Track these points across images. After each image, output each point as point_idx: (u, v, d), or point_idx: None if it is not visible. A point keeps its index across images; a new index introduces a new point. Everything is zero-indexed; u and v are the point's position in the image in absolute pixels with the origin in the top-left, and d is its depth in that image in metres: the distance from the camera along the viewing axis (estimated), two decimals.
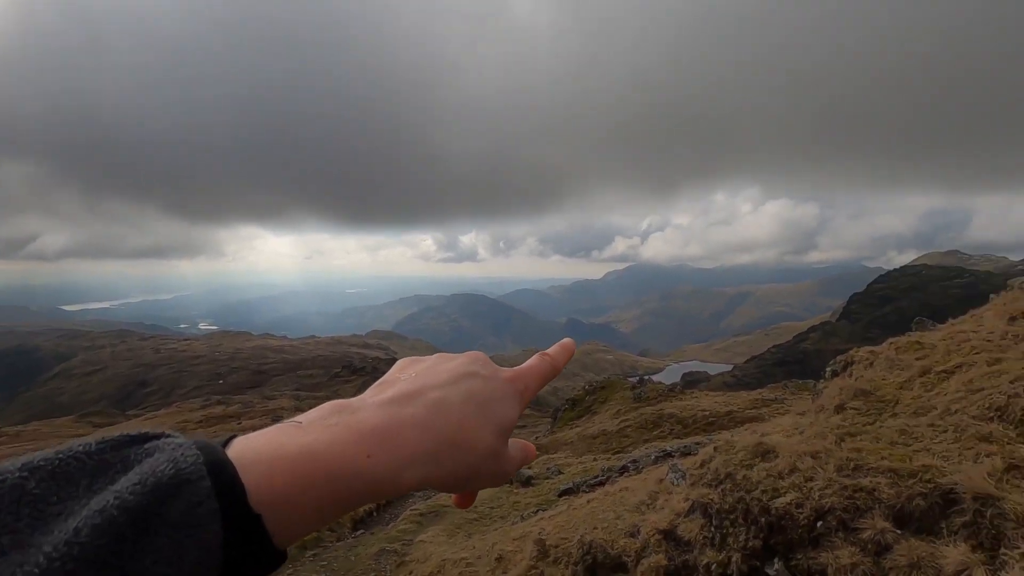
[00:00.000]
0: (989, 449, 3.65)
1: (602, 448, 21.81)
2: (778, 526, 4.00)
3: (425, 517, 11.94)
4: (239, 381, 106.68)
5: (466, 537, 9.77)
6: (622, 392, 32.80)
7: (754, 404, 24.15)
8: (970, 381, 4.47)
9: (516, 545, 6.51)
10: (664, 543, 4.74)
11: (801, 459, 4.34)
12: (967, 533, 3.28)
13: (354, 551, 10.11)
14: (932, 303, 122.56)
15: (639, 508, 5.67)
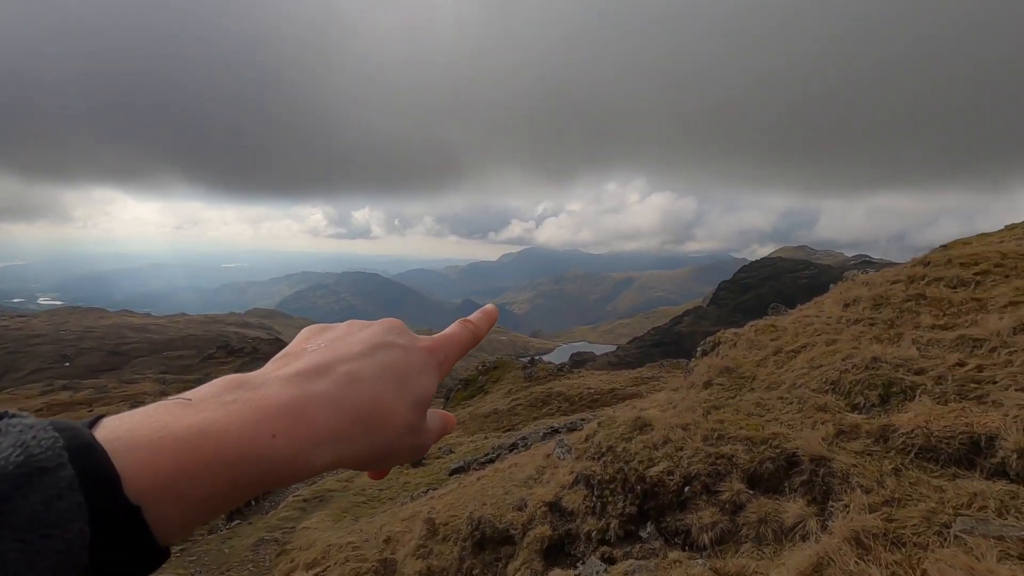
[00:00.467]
0: (824, 418, 4.22)
1: (493, 426, 22.29)
2: (651, 493, 4.33)
3: (309, 503, 11.47)
4: (91, 363, 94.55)
5: (353, 521, 9.53)
6: (514, 372, 33.67)
7: (634, 382, 25.96)
8: (812, 359, 5.12)
9: (405, 526, 6.47)
10: (549, 514, 4.95)
11: (673, 431, 4.72)
12: (804, 490, 3.77)
13: (228, 543, 9.46)
14: (784, 291, 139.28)
15: (527, 483, 5.86)
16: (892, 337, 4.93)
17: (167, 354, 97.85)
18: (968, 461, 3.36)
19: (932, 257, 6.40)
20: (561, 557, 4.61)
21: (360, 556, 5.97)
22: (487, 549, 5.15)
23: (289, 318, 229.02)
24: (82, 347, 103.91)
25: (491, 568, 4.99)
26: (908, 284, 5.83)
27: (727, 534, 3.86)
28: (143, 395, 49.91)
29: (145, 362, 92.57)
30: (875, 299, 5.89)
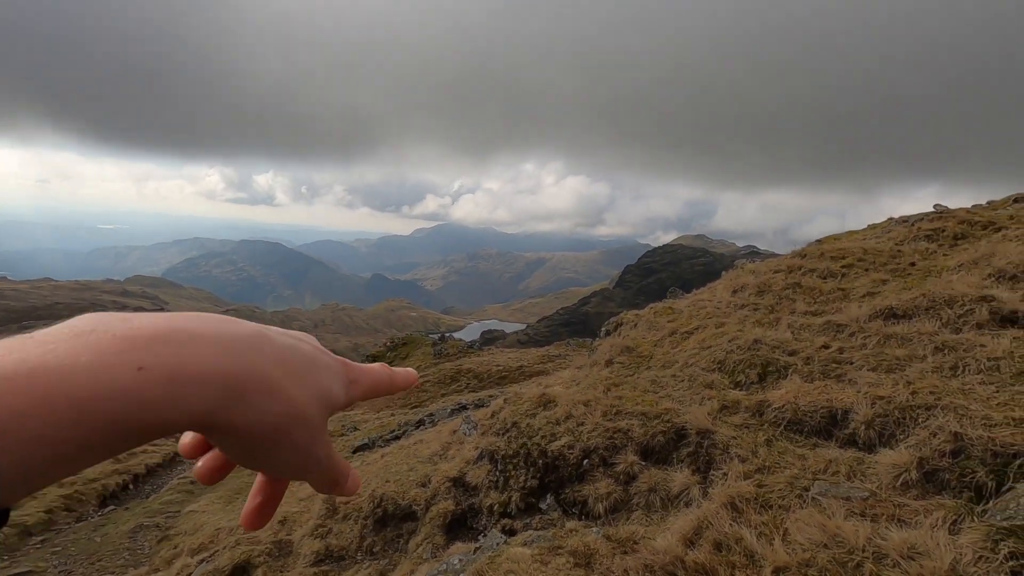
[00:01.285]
0: (710, 394, 4.57)
1: (401, 403, 22.04)
2: (553, 466, 4.49)
3: (196, 485, 10.73)
4: None
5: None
6: (423, 348, 33.41)
7: (541, 360, 26.69)
8: (703, 340, 5.50)
9: (303, 506, 6.24)
10: (453, 490, 4.98)
11: (575, 407, 4.91)
12: (690, 461, 4.08)
13: (101, 531, 8.64)
14: (683, 276, 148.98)
15: (432, 459, 5.86)
16: (772, 321, 5.41)
17: (26, 324, 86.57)
18: (827, 432, 3.79)
19: (808, 250, 7.08)
20: (463, 531, 4.67)
21: (252, 539, 5.69)
22: (389, 526, 5.10)
23: (178, 287, 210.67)
24: None
25: (392, 544, 4.96)
26: (787, 274, 6.41)
27: (620, 503, 4.10)
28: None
29: (1, 333, 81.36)
30: (759, 286, 6.42)
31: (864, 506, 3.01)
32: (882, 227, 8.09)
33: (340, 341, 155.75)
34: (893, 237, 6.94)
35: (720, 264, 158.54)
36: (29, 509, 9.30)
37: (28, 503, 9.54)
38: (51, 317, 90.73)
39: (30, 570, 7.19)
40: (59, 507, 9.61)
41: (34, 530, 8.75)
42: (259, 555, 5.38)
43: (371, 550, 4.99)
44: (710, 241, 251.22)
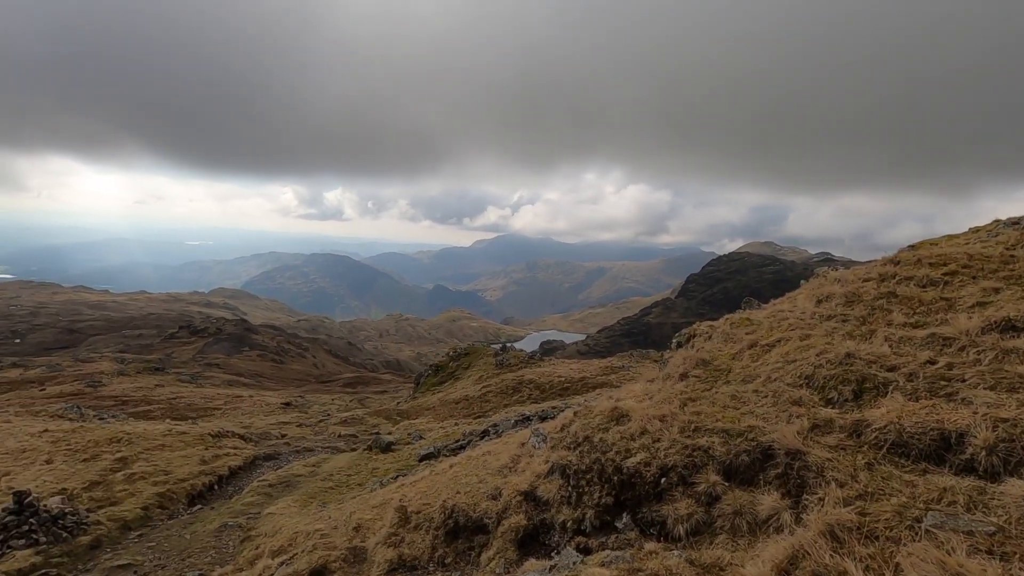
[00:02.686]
0: (799, 412, 4.27)
1: (464, 413, 22.26)
2: (628, 483, 4.33)
3: (275, 488, 11.24)
4: (44, 340, 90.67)
5: (321, 507, 9.37)
6: (485, 359, 33.67)
7: (604, 371, 26.24)
8: (786, 353, 5.18)
9: (376, 513, 6.36)
10: (524, 504, 4.92)
11: (650, 422, 4.73)
12: (779, 483, 3.82)
13: (190, 528, 9.20)
14: (750, 285, 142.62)
15: (501, 471, 5.82)
16: (865, 334, 5.02)
17: (126, 332, 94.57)
18: (938, 457, 3.43)
19: (902, 256, 6.55)
20: (536, 547, 4.59)
21: (329, 543, 5.85)
22: (460, 538, 5.10)
23: (256, 299, 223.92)
24: (35, 323, 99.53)
25: (464, 557, 4.94)
26: (879, 282, 5.95)
27: (702, 525, 3.89)
28: (99, 374, 48.17)
29: (103, 340, 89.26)
30: (847, 296, 5.99)
31: (991, 543, 2.69)
32: (987, 230, 7.38)
33: (404, 350, 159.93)
34: (1002, 241, 6.31)
35: (791, 272, 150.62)
36: (128, 505, 10.05)
37: (127, 500, 10.31)
38: (147, 326, 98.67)
39: (130, 563, 7.73)
40: (154, 504, 10.32)
41: (132, 525, 9.43)
42: (335, 560, 5.52)
43: (443, 561, 5.00)
44: (779, 248, 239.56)
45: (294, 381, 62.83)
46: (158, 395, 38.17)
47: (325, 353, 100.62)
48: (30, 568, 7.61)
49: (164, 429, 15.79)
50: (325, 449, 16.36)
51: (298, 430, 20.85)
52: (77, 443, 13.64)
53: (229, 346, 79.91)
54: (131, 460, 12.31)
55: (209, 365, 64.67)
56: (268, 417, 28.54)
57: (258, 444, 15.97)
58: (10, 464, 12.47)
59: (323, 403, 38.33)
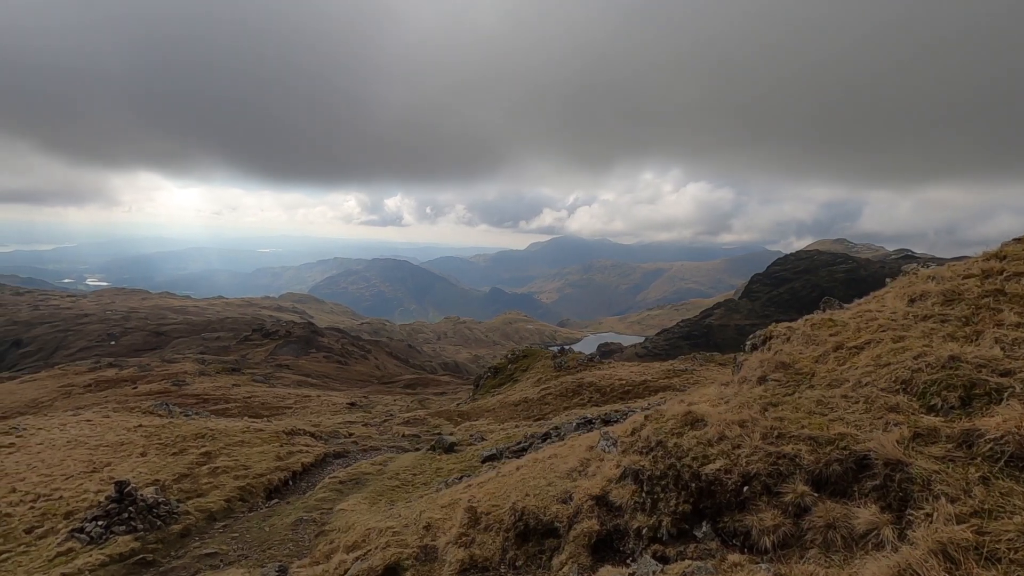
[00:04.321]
0: (896, 419, 3.96)
1: (524, 415, 22.28)
2: (707, 491, 4.16)
3: (345, 485, 11.63)
4: (135, 343, 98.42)
5: (389, 505, 9.60)
6: (543, 361, 33.58)
7: (666, 374, 25.56)
8: (878, 356, 4.83)
9: (445, 513, 6.44)
10: (596, 509, 4.83)
11: (729, 427, 4.53)
12: (877, 496, 3.55)
13: (268, 521, 9.66)
14: (820, 285, 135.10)
15: (570, 475, 5.75)
16: (969, 335, 4.61)
17: (205, 335, 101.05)
18: None
19: (1008, 251, 5.98)
20: (610, 553, 4.49)
21: (401, 541, 5.97)
22: (531, 541, 5.07)
23: (321, 303, 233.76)
24: (127, 327, 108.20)
25: (535, 560, 4.90)
26: (983, 279, 5.46)
27: (791, 538, 3.67)
28: (183, 374, 51.70)
29: (185, 342, 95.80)
30: (945, 294, 5.53)
31: None
32: None
33: (461, 352, 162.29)
34: None
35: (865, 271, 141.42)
36: (213, 497, 10.69)
37: (212, 492, 10.97)
38: (223, 329, 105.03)
39: (216, 552, 8.20)
40: (235, 497, 10.93)
41: (217, 516, 10.02)
42: (408, 558, 5.62)
43: (513, 564, 4.99)
44: (852, 246, 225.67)
45: (358, 382, 65.04)
46: (235, 394, 40.51)
47: (386, 355, 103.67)
48: (130, 553, 8.23)
49: (243, 426, 16.71)
50: (390, 448, 16.79)
51: (364, 429, 21.52)
52: (167, 438, 14.66)
53: (297, 348, 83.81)
54: (214, 455, 13.10)
55: (280, 366, 68.03)
56: (335, 416, 29.66)
57: (328, 442, 16.60)
58: (110, 456, 13.56)
59: (385, 403, 39.45)
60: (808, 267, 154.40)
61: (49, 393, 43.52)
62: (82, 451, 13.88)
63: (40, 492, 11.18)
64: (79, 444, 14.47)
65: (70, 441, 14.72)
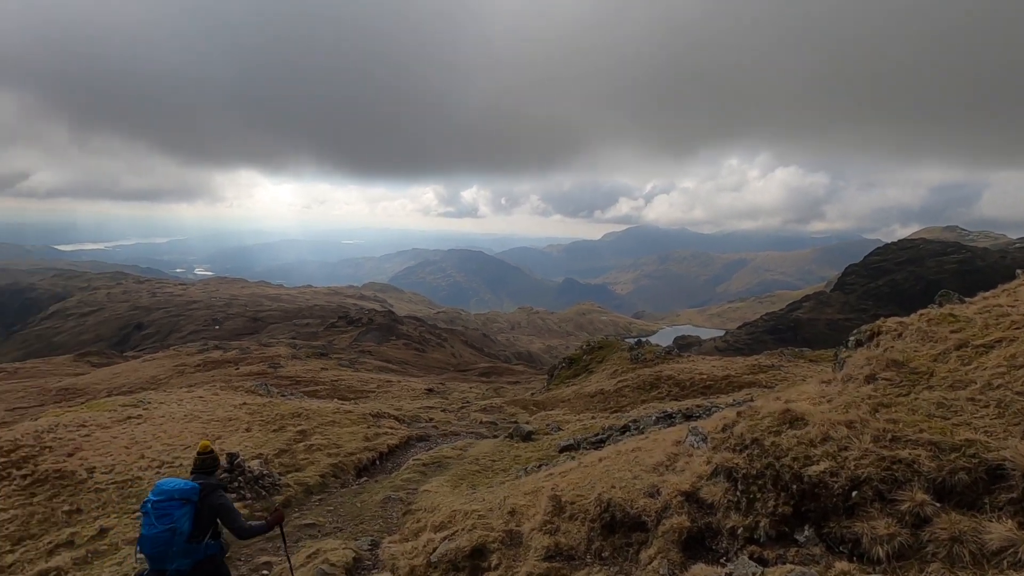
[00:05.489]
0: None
1: (600, 407, 22.10)
2: (810, 494, 3.94)
3: (428, 467, 12.10)
4: (236, 327, 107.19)
5: (470, 488, 9.89)
6: (619, 353, 33.08)
7: (751, 370, 24.39)
8: (1013, 356, 4.35)
9: (528, 499, 6.54)
10: (686, 505, 4.71)
11: (834, 428, 4.26)
12: (1014, 510, 3.21)
13: (359, 497, 10.26)
14: (926, 276, 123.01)
15: (656, 469, 5.65)
16: None
17: (296, 321, 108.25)
18: None
19: None
20: (701, 551, 4.38)
21: (486, 525, 6.13)
22: (617, 532, 5.04)
23: (400, 292, 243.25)
24: (229, 312, 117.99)
25: (622, 552, 4.87)
26: None
27: (908, 549, 3.41)
28: (278, 357, 55.70)
29: (279, 328, 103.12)
30: None
31: None
32: None
33: (535, 343, 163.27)
34: None
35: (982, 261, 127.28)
36: (309, 472, 11.50)
37: (309, 467, 11.80)
38: (312, 316, 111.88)
39: (314, 523, 8.82)
40: (329, 473, 11.69)
41: (313, 490, 10.77)
42: (493, 541, 5.77)
43: (600, 554, 4.99)
44: (966, 233, 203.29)
45: (434, 369, 67.23)
46: (323, 377, 43.15)
47: (461, 343, 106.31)
48: None
49: (333, 408, 17.79)
50: (468, 434, 17.24)
51: (442, 415, 22.23)
52: (267, 415, 15.91)
53: (379, 335, 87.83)
54: (309, 433, 14.07)
55: (363, 352, 71.62)
56: (415, 401, 30.85)
57: (410, 426, 17.32)
58: (220, 430, 14.91)
59: (462, 391, 40.51)
60: (913, 257, 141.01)
61: (166, 371, 48.45)
62: (196, 424, 15.36)
63: (164, 459, 12.51)
64: (194, 418, 16.01)
65: (186, 415, 16.32)
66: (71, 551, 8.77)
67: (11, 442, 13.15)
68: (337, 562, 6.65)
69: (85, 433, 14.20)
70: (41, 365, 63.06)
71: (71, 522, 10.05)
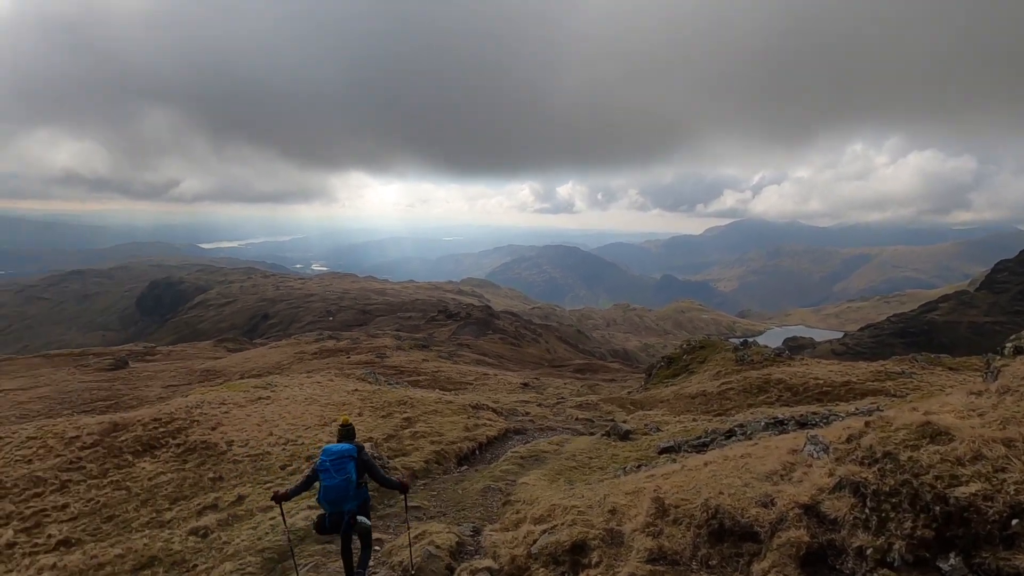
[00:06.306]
0: None
1: (701, 409, 21.17)
2: (957, 518, 3.52)
3: (526, 460, 12.29)
4: (347, 319, 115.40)
5: (568, 484, 9.91)
6: (723, 353, 31.44)
7: (876, 376, 22.18)
8: None
9: (629, 499, 6.44)
10: (804, 518, 4.40)
11: (988, 446, 3.77)
12: None
13: (460, 485, 10.66)
14: None
15: (770, 478, 5.32)
16: None
17: (400, 314, 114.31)
18: None
19: None
20: (823, 569, 4.07)
21: (586, 521, 6.12)
22: (726, 541, 4.82)
23: (497, 288, 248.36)
24: (341, 305, 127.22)
25: (731, 562, 4.66)
26: None
27: None
28: (383, 348, 59.22)
29: (384, 320, 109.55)
30: None
31: None
32: None
33: (631, 340, 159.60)
34: None
35: None
36: (415, 458, 12.14)
37: (414, 453, 12.46)
38: (414, 310, 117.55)
39: (419, 506, 9.31)
40: (432, 460, 12.27)
41: (418, 475, 11.36)
42: (594, 538, 5.74)
43: (707, 562, 4.80)
44: None
45: (529, 364, 67.96)
46: (425, 368, 45.24)
47: (556, 339, 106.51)
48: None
49: (435, 397, 18.63)
50: (564, 430, 17.27)
51: (538, 409, 22.45)
52: (377, 402, 17.00)
53: (476, 329, 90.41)
54: (414, 420, 14.85)
55: (461, 345, 74.10)
56: (511, 395, 31.42)
57: (507, 419, 17.68)
58: (335, 413, 16.15)
59: (556, 386, 40.62)
60: None
61: (288, 358, 53.26)
62: (315, 407, 16.76)
63: (288, 438, 13.80)
64: (313, 401, 17.49)
65: (306, 398, 17.87)
66: (215, 513, 9.96)
67: (168, 415, 15.17)
68: (442, 544, 6.97)
69: (224, 410, 16.03)
70: (188, 349, 71.93)
71: (215, 488, 11.41)
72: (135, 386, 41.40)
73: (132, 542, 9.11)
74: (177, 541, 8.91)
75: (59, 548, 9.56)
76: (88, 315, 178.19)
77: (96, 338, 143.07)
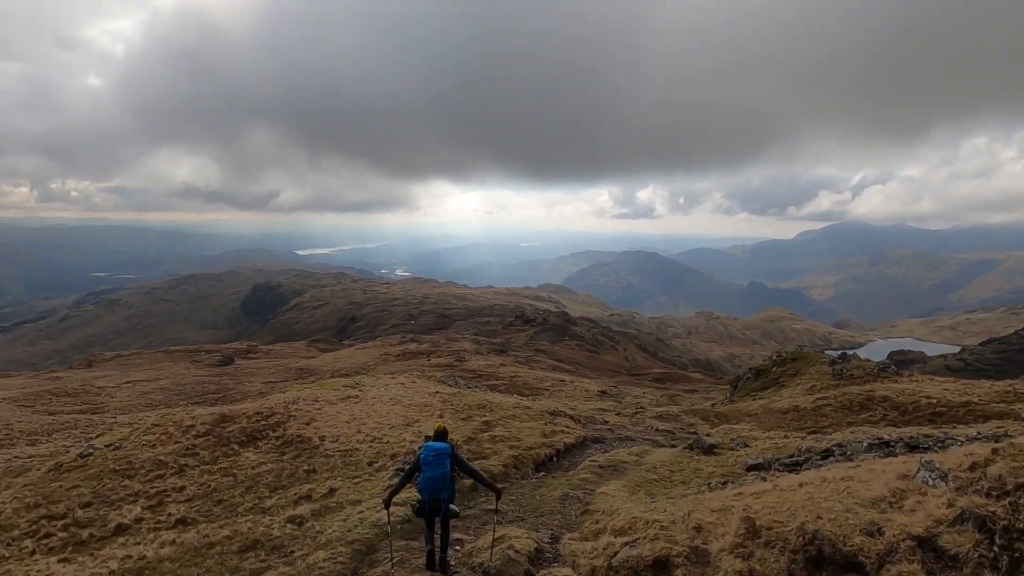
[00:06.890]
0: None
1: (794, 425, 19.85)
2: None
3: (604, 469, 12.10)
4: (428, 323, 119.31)
5: (649, 497, 9.65)
6: (818, 367, 29.33)
7: (1003, 397, 19.81)
8: None
9: (715, 517, 6.16)
10: (918, 552, 4.02)
11: None
12: None
13: (539, 491, 10.68)
14: None
15: (876, 504, 4.90)
16: None
17: (478, 319, 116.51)
18: None
19: None
20: None
21: (669, 537, 5.93)
22: (825, 569, 4.50)
23: (574, 293, 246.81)
24: (422, 309, 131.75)
25: None
26: None
27: None
28: (463, 351, 60.61)
29: (463, 325, 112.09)
30: None
31: None
32: None
33: (714, 350, 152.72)
34: None
35: None
36: (493, 461, 12.31)
37: (492, 456, 12.64)
38: (492, 315, 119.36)
39: (498, 508, 9.41)
40: (510, 464, 12.39)
41: (497, 479, 11.49)
42: (678, 555, 5.56)
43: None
44: None
45: (607, 371, 66.86)
46: (502, 373, 45.78)
47: (635, 347, 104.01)
48: None
49: (513, 402, 18.81)
50: (644, 440, 16.83)
51: (616, 418, 22.02)
52: (457, 405, 17.44)
53: (553, 335, 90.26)
54: (493, 424, 15.07)
55: (537, 350, 74.27)
56: (588, 403, 31.07)
57: (585, 426, 17.50)
58: (417, 414, 16.75)
59: (635, 395, 39.66)
60: None
61: (373, 359, 55.89)
62: (399, 407, 17.47)
63: (375, 436, 14.48)
64: (397, 402, 18.24)
65: (391, 399, 18.67)
66: (310, 504, 10.64)
67: (268, 409, 16.40)
68: (521, 549, 7.02)
69: (317, 407, 17.09)
70: (285, 348, 77.44)
71: (309, 480, 12.19)
72: (239, 381, 45.17)
73: (238, 525, 9.93)
74: (276, 527, 9.60)
75: (177, 526, 10.60)
76: (201, 315, 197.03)
77: (207, 336, 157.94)
